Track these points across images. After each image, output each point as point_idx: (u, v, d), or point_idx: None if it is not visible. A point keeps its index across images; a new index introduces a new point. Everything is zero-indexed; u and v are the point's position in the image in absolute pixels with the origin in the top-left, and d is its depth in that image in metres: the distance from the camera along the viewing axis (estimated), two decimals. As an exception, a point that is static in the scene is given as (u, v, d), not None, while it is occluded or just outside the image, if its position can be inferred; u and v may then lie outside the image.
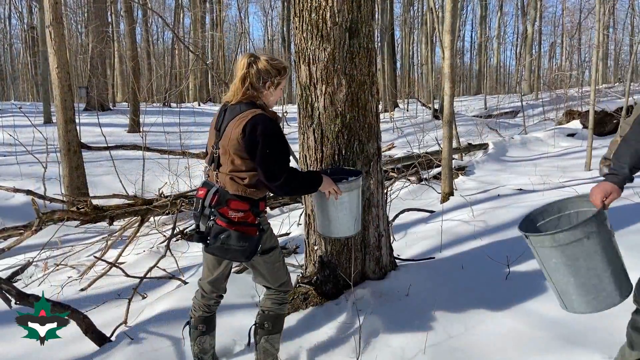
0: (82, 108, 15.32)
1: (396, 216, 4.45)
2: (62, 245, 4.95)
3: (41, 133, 7.05)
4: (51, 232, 4.74)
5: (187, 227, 5.16)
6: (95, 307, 3.31)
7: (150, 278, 3.62)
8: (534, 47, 23.05)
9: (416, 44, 31.56)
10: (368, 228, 2.85)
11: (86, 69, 17.66)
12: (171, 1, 34.25)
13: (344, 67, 2.63)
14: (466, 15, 36.12)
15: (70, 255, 4.75)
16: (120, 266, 3.95)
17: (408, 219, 4.52)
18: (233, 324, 2.74)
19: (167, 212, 4.94)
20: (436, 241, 3.60)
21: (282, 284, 2.35)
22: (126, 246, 4.51)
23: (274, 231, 2.38)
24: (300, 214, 4.76)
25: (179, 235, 4.76)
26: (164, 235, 4.80)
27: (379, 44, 18.14)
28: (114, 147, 7.08)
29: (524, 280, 2.83)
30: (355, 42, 2.63)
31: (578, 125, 9.62)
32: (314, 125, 2.73)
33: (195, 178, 7.57)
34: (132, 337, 2.66)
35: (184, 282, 3.54)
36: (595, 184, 1.77)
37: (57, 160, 7.14)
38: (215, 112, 2.29)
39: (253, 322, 2.42)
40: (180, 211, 4.81)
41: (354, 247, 2.82)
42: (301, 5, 2.65)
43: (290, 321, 2.68)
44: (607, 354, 2.05)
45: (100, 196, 5.34)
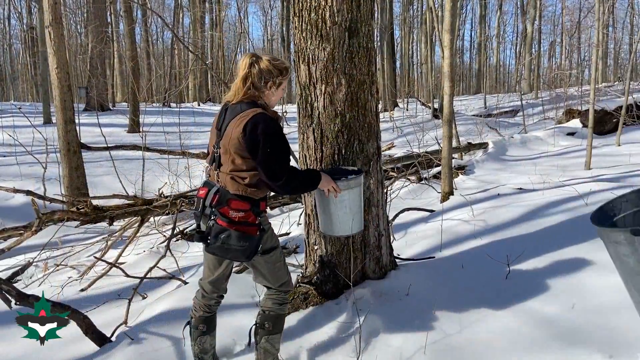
0: (82, 108, 15.32)
1: (396, 216, 4.45)
2: (62, 246, 4.95)
3: (41, 133, 7.06)
4: (51, 232, 4.74)
5: (187, 227, 5.16)
6: (95, 308, 3.31)
7: (150, 278, 3.62)
8: (533, 46, 23.10)
9: (416, 43, 31.60)
10: (368, 228, 2.85)
11: (86, 69, 17.66)
12: (171, 1, 34.35)
13: (344, 67, 2.63)
14: (466, 14, 36.21)
15: (71, 256, 4.75)
16: (121, 266, 3.95)
17: (408, 219, 4.51)
18: (233, 324, 2.74)
19: (167, 212, 4.94)
20: (436, 240, 3.60)
21: (282, 284, 2.34)
22: (126, 246, 4.51)
23: (274, 231, 2.38)
24: (300, 214, 4.76)
25: (179, 235, 4.76)
26: (164, 236, 4.80)
27: (378, 43, 18.15)
28: (113, 148, 7.08)
29: (524, 280, 2.83)
30: (354, 42, 2.63)
31: (578, 124, 9.61)
32: (313, 125, 2.73)
33: (195, 178, 7.57)
34: (133, 337, 2.66)
35: (184, 282, 3.54)
36: (595, 183, 1.74)
37: (57, 160, 7.14)
38: (215, 112, 2.29)
39: (253, 322, 2.42)
40: (180, 211, 4.81)
41: (354, 246, 2.82)
42: (300, 4, 2.65)
43: (290, 321, 2.68)
44: (608, 353, 2.04)
45: (100, 196, 5.34)
